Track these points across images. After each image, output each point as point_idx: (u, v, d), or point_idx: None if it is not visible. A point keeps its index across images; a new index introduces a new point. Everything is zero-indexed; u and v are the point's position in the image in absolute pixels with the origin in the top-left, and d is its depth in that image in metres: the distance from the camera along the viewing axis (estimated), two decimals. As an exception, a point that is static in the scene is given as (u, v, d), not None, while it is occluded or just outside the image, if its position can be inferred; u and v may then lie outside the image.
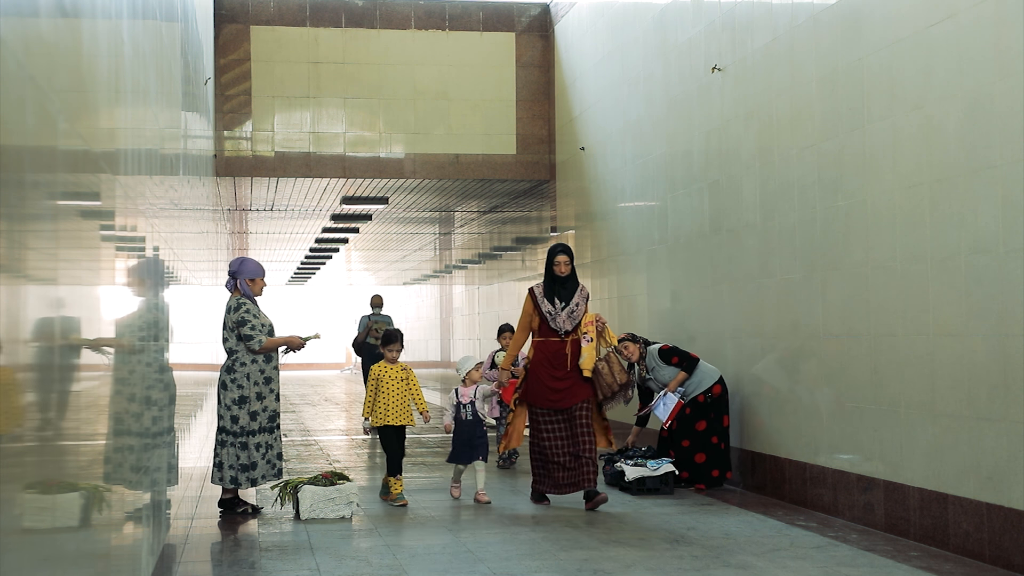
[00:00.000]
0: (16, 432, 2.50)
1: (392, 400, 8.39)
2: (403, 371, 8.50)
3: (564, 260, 8.33)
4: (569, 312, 8.24)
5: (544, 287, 8.37)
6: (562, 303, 8.25)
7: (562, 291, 8.29)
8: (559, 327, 8.22)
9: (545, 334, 8.29)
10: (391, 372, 8.46)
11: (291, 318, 37.96)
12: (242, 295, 8.10)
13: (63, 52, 3.02)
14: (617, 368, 8.23)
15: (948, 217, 6.49)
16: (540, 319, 8.29)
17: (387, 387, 8.43)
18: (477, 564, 6.23)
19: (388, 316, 15.64)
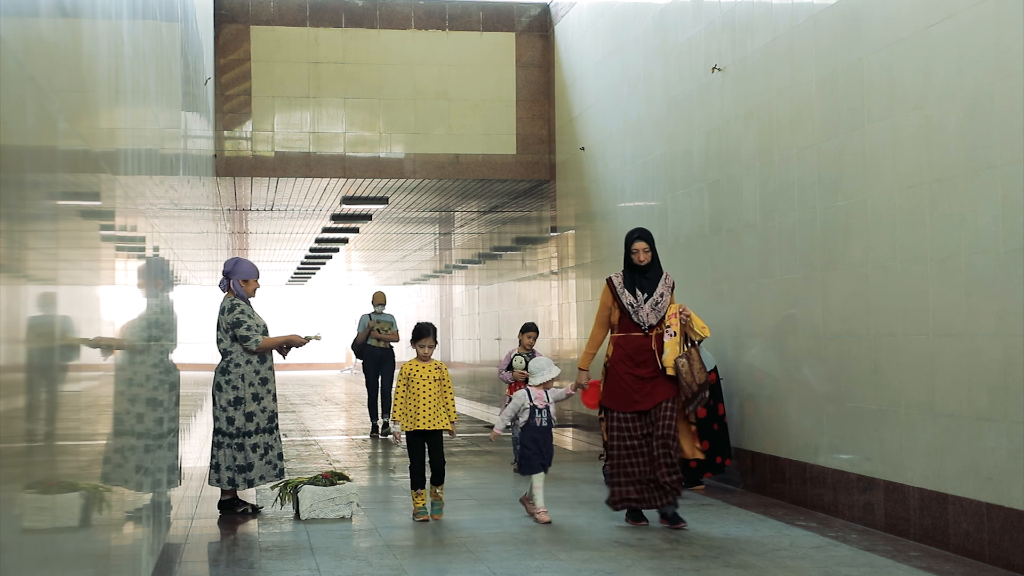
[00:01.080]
0: (16, 432, 2.50)
1: (424, 402, 7.63)
2: (437, 370, 7.71)
3: (643, 247, 7.50)
4: (653, 304, 7.45)
5: (624, 277, 7.54)
6: (645, 294, 7.45)
7: (644, 281, 7.48)
8: (642, 321, 7.42)
9: (626, 329, 7.50)
10: (424, 371, 7.67)
11: (291, 318, 37.97)
12: (236, 295, 8.08)
13: (63, 52, 3.02)
14: (697, 366, 7.36)
15: (948, 217, 6.49)
16: (620, 312, 7.50)
17: (419, 387, 7.65)
18: (477, 564, 6.23)
19: (391, 315, 14.41)
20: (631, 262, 7.52)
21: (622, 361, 7.48)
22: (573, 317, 14.33)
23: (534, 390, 7.77)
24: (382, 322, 14.18)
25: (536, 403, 7.74)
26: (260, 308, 8.65)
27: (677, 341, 7.38)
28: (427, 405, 7.62)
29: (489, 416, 17.15)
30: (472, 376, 22.45)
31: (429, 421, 7.64)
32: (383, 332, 14.09)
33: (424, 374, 7.67)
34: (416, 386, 7.64)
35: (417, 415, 7.61)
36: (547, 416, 7.72)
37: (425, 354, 7.69)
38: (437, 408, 7.65)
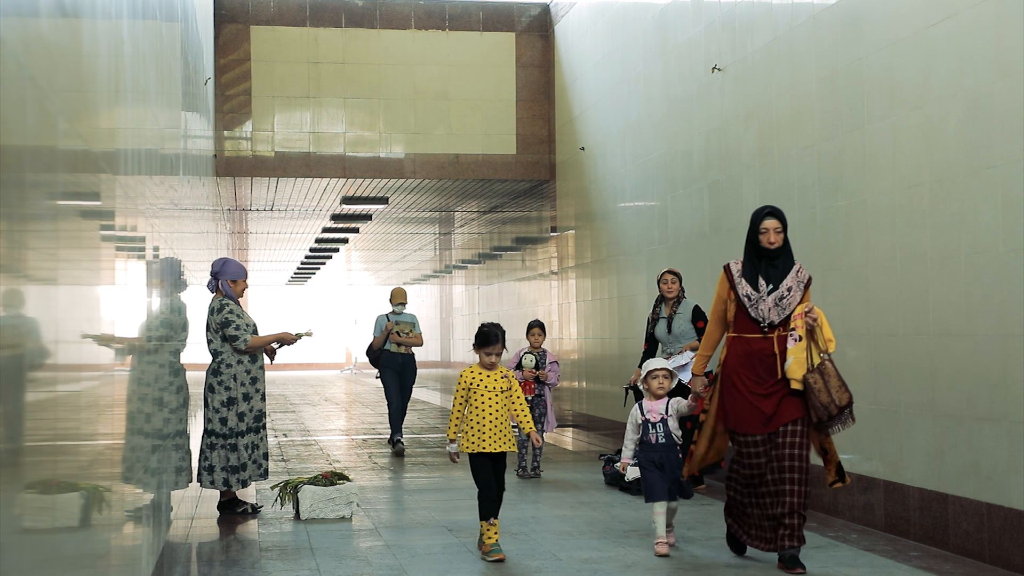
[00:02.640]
0: (16, 432, 2.50)
1: (490, 418, 6.44)
2: (504, 379, 6.52)
3: (774, 227, 6.17)
4: (778, 298, 6.11)
5: (744, 263, 6.26)
6: (769, 285, 6.15)
7: (770, 269, 6.17)
8: (761, 317, 6.12)
9: (743, 327, 6.18)
10: (488, 380, 6.48)
11: (291, 318, 37.97)
12: (224, 296, 8.07)
13: (63, 52, 3.02)
14: (835, 384, 5.91)
15: (948, 217, 6.49)
16: (736, 306, 6.21)
17: (483, 400, 6.46)
18: (477, 564, 6.23)
19: (412, 316, 12.30)
20: (757, 245, 6.20)
21: (736, 369, 6.17)
22: (573, 317, 14.33)
23: (648, 403, 6.66)
24: (402, 323, 12.06)
25: (649, 417, 6.64)
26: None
27: (803, 347, 5.99)
28: (493, 422, 6.44)
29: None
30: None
31: (496, 442, 6.44)
32: (403, 335, 12.01)
33: (489, 384, 6.48)
34: (479, 399, 6.45)
35: (483, 434, 6.43)
36: (664, 431, 6.59)
37: (491, 362, 6.50)
38: (504, 426, 6.48)
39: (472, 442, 6.47)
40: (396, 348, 12.02)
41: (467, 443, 6.48)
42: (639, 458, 6.63)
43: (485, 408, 6.46)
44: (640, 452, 6.63)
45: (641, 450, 6.62)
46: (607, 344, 12.89)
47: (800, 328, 6.01)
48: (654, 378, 6.69)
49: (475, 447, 6.46)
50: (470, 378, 6.50)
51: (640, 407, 6.68)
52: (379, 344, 12.08)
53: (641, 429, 6.64)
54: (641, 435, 6.63)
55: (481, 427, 6.44)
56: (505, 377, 6.53)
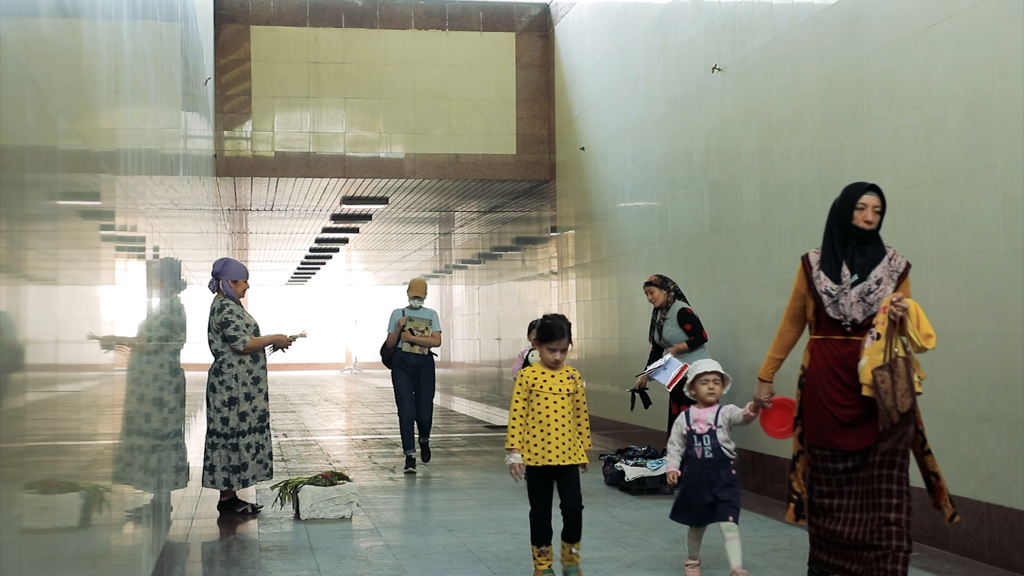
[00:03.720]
0: (16, 432, 2.50)
1: (556, 425, 5.54)
2: (570, 380, 5.62)
3: (874, 204, 5.18)
4: (864, 292, 5.12)
5: (825, 251, 5.24)
6: (854, 276, 5.15)
7: (857, 256, 5.17)
8: (842, 315, 5.15)
9: (825, 328, 5.27)
10: (553, 381, 5.59)
11: (290, 318, 37.97)
12: (225, 296, 8.08)
13: (63, 52, 3.02)
14: (903, 385, 4.91)
15: (948, 217, 6.49)
16: (815, 305, 5.29)
17: (547, 404, 5.56)
18: (477, 564, 6.23)
19: (431, 311, 10.85)
20: (849, 225, 5.17)
21: (821, 376, 5.24)
22: (573, 317, 14.33)
23: (696, 411, 5.86)
24: (417, 320, 10.67)
25: (695, 428, 5.77)
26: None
27: (880, 347, 4.96)
28: (560, 430, 5.53)
29: (489, 416, 17.15)
30: (472, 376, 22.46)
31: (563, 453, 5.53)
32: (418, 333, 10.66)
33: (554, 385, 5.59)
34: (543, 402, 5.55)
35: (547, 444, 5.52)
36: (712, 444, 5.71)
37: (556, 360, 5.59)
38: (573, 434, 5.59)
39: (535, 453, 5.52)
40: (409, 348, 10.58)
41: (528, 454, 5.54)
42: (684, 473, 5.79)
43: (551, 413, 5.53)
44: (684, 467, 5.78)
45: (685, 464, 5.76)
46: (607, 344, 12.89)
47: (881, 324, 4.94)
48: (703, 383, 5.83)
49: (539, 459, 5.52)
50: (531, 378, 5.58)
51: (687, 415, 5.83)
52: (392, 342, 10.67)
53: (686, 441, 5.77)
54: (686, 448, 5.77)
55: (546, 436, 5.52)
56: (572, 378, 5.62)
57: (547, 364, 5.62)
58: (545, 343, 5.61)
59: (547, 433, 5.52)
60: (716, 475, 5.66)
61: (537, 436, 5.54)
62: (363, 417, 17.76)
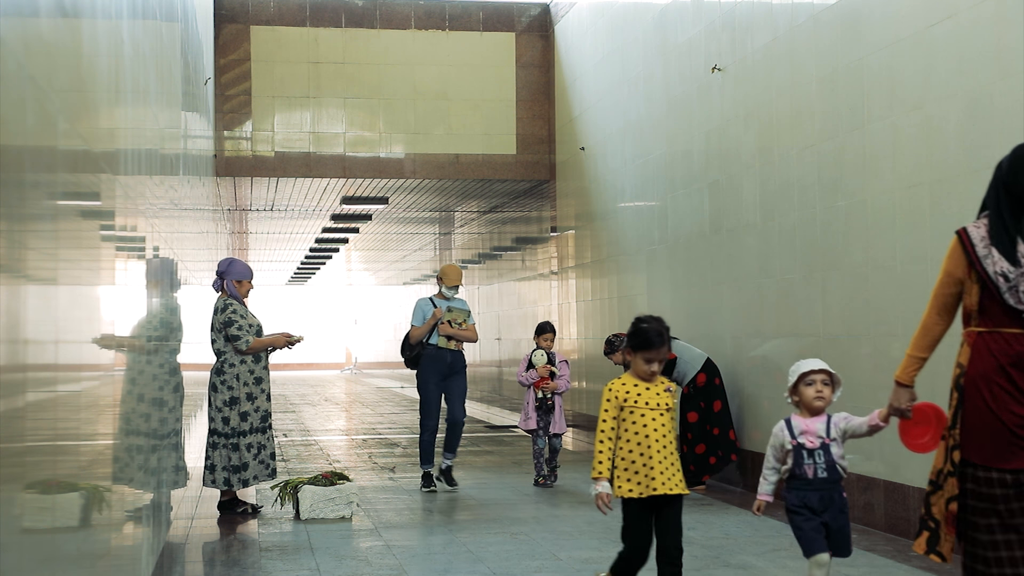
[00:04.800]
0: (16, 432, 2.50)
1: (657, 447, 4.72)
2: (667, 393, 4.81)
3: None
4: None
5: (994, 226, 4.24)
6: None
7: None
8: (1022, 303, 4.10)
9: (995, 319, 4.24)
10: (649, 395, 4.77)
11: (290, 318, 37.97)
12: (229, 296, 8.08)
13: (63, 52, 3.02)
14: None
15: (948, 217, 6.49)
16: (981, 290, 4.26)
17: (645, 423, 4.73)
18: (477, 564, 6.23)
19: (464, 302, 9.48)
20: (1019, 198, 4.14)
21: (989, 377, 4.26)
22: (573, 317, 14.33)
23: (800, 420, 4.78)
24: (456, 311, 9.26)
25: (804, 441, 4.71)
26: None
27: None
28: (662, 452, 4.73)
29: (489, 416, 17.15)
30: (472, 376, 22.42)
31: (669, 480, 4.72)
32: (457, 326, 9.25)
33: (651, 400, 4.76)
34: (639, 420, 4.73)
35: (650, 471, 4.70)
36: (826, 461, 4.69)
37: (652, 372, 4.78)
38: (675, 457, 4.79)
39: (636, 482, 4.71)
40: (445, 343, 9.19)
41: (626, 484, 4.72)
42: (788, 498, 4.71)
43: (650, 432, 4.71)
44: (792, 490, 4.70)
45: (792, 487, 4.70)
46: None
47: None
48: (808, 384, 4.78)
49: (642, 488, 4.70)
50: (623, 392, 4.75)
51: (788, 426, 4.76)
52: (420, 336, 9.15)
53: (792, 458, 4.69)
54: (792, 465, 4.69)
55: (647, 459, 4.70)
56: (669, 391, 4.81)
57: (640, 375, 4.78)
58: (640, 352, 4.75)
59: (648, 456, 4.68)
60: (829, 498, 4.67)
61: (637, 461, 4.68)
62: (363, 417, 17.76)
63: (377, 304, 39.55)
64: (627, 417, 4.73)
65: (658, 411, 4.74)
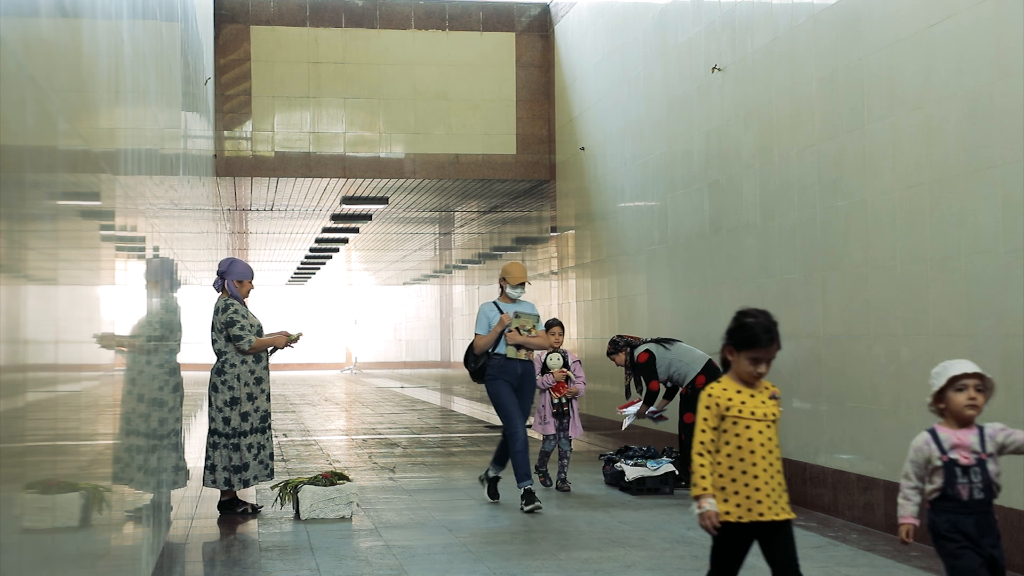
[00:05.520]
0: (16, 432, 2.50)
1: (764, 464, 4.08)
2: (772, 401, 4.16)
3: None
4: None
5: None
6: None
7: None
8: None
9: None
10: (755, 403, 4.12)
11: (290, 318, 37.97)
12: (230, 296, 8.08)
13: (63, 52, 3.02)
14: None
15: (948, 217, 6.49)
16: None
17: (750, 436, 4.09)
18: (477, 564, 6.23)
19: (532, 305, 8.60)
20: None
21: None
22: (573, 317, 14.32)
23: (948, 432, 4.18)
24: (524, 316, 8.37)
25: (957, 456, 4.13)
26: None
27: None
28: (768, 471, 4.09)
29: (489, 416, 17.15)
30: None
31: (775, 503, 4.10)
32: (525, 333, 8.36)
33: (757, 409, 4.11)
34: (744, 433, 4.09)
35: (754, 492, 4.08)
36: (983, 480, 4.13)
37: (758, 374, 4.13)
38: (781, 476, 4.16)
39: (735, 504, 4.10)
40: (515, 353, 8.26)
41: (723, 504, 4.14)
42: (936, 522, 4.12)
43: (756, 448, 4.07)
44: (938, 512, 4.12)
45: (941, 509, 4.11)
46: (607, 344, 12.87)
47: None
48: (960, 390, 4.11)
49: (742, 512, 4.10)
50: (724, 399, 4.11)
51: (935, 439, 4.17)
52: (485, 346, 8.29)
53: (943, 476, 4.12)
54: (943, 485, 4.11)
55: (750, 479, 4.06)
56: (775, 398, 4.16)
57: (744, 378, 4.12)
58: (744, 351, 4.09)
59: (752, 475, 4.04)
60: (986, 523, 4.11)
61: (737, 479, 4.05)
62: (363, 417, 17.76)
63: (377, 304, 39.55)
64: (728, 428, 4.08)
65: (764, 422, 4.07)
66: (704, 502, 4.10)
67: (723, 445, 4.08)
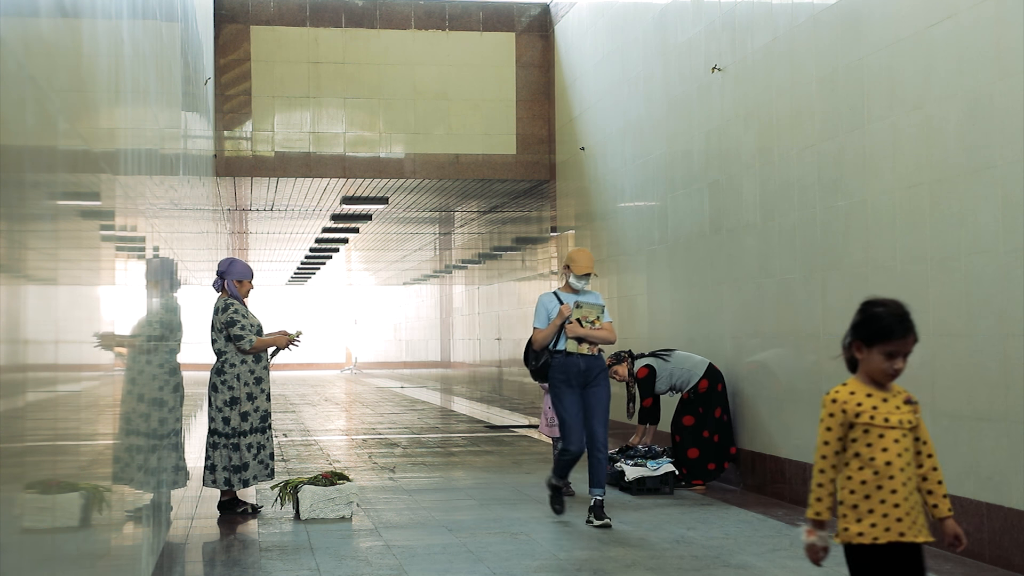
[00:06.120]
0: (16, 432, 2.50)
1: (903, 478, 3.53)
2: (907, 405, 3.60)
3: None
4: None
5: None
6: None
7: None
8: None
9: None
10: (888, 407, 3.57)
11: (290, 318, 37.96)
12: (229, 296, 8.08)
13: (63, 52, 3.02)
14: None
15: (948, 217, 6.49)
16: None
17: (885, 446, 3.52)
18: (477, 564, 6.23)
19: (597, 295, 7.87)
20: None
21: None
22: (573, 317, 14.32)
23: None
24: (587, 307, 7.66)
25: None
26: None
27: None
28: (907, 486, 3.53)
29: (489, 416, 17.15)
30: (472, 376, 22.45)
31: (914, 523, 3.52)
32: (589, 325, 7.67)
33: (891, 415, 3.56)
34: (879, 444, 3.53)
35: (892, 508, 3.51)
36: None
37: (895, 369, 3.59)
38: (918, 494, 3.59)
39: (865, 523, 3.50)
40: (576, 347, 7.59)
41: (851, 525, 3.52)
42: None
43: (892, 459, 3.52)
44: None
45: None
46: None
47: None
48: None
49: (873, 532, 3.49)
50: (852, 404, 3.56)
51: None
52: (544, 340, 7.60)
53: None
54: None
55: (886, 496, 3.50)
56: (910, 403, 3.62)
57: (876, 378, 3.59)
58: (877, 344, 3.60)
59: (890, 491, 3.49)
60: None
61: (873, 496, 3.49)
62: (363, 417, 17.76)
63: (377, 304, 39.55)
64: (859, 438, 3.52)
65: (900, 430, 3.53)
66: (814, 534, 3.55)
67: (852, 458, 3.53)
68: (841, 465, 3.54)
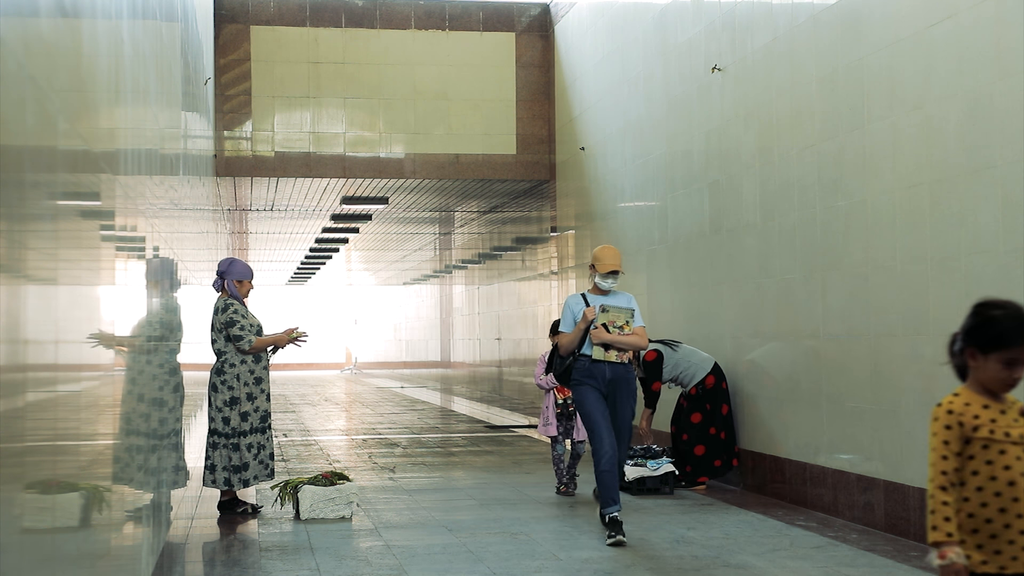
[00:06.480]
0: (16, 432, 2.50)
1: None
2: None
3: None
4: None
5: None
6: None
7: None
8: None
9: None
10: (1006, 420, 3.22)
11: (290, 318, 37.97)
12: (229, 296, 8.08)
13: (63, 52, 3.02)
14: None
15: (948, 217, 6.49)
16: None
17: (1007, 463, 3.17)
18: (477, 564, 6.23)
19: (628, 297, 7.39)
20: None
21: None
22: (573, 317, 14.31)
23: None
24: (614, 310, 7.16)
25: None
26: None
27: None
28: None
29: (489, 416, 17.15)
30: (472, 376, 22.45)
31: None
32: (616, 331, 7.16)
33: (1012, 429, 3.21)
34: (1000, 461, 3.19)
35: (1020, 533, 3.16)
36: None
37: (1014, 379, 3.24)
38: None
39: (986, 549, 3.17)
40: (604, 355, 7.06)
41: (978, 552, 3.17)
42: None
43: (1016, 480, 3.17)
44: None
45: None
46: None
47: None
48: None
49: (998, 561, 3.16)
50: (971, 418, 3.22)
51: None
52: (569, 345, 7.16)
53: None
54: None
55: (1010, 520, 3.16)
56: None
57: (991, 388, 3.26)
58: (994, 352, 3.25)
59: (1015, 514, 3.15)
60: None
61: (995, 520, 3.16)
62: (363, 417, 17.77)
63: (377, 304, 39.54)
64: (976, 454, 3.18)
65: (1021, 445, 3.18)
66: (949, 551, 3.10)
67: (970, 476, 3.18)
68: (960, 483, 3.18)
